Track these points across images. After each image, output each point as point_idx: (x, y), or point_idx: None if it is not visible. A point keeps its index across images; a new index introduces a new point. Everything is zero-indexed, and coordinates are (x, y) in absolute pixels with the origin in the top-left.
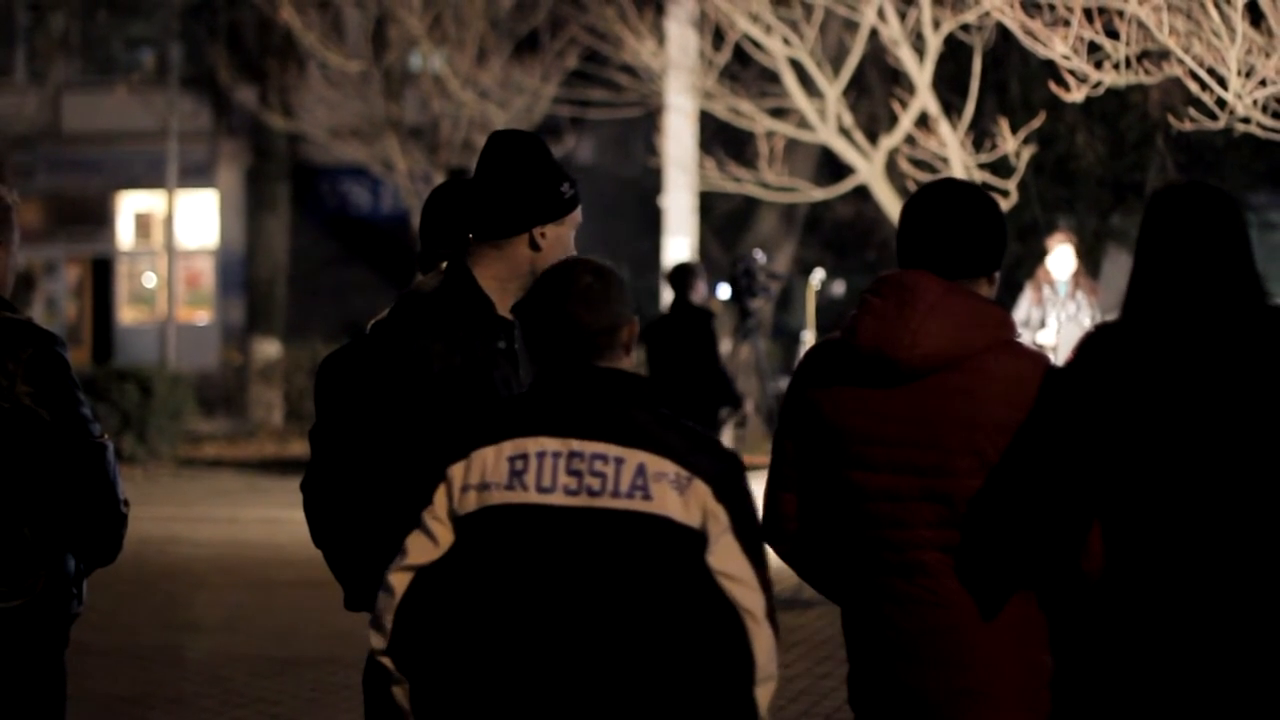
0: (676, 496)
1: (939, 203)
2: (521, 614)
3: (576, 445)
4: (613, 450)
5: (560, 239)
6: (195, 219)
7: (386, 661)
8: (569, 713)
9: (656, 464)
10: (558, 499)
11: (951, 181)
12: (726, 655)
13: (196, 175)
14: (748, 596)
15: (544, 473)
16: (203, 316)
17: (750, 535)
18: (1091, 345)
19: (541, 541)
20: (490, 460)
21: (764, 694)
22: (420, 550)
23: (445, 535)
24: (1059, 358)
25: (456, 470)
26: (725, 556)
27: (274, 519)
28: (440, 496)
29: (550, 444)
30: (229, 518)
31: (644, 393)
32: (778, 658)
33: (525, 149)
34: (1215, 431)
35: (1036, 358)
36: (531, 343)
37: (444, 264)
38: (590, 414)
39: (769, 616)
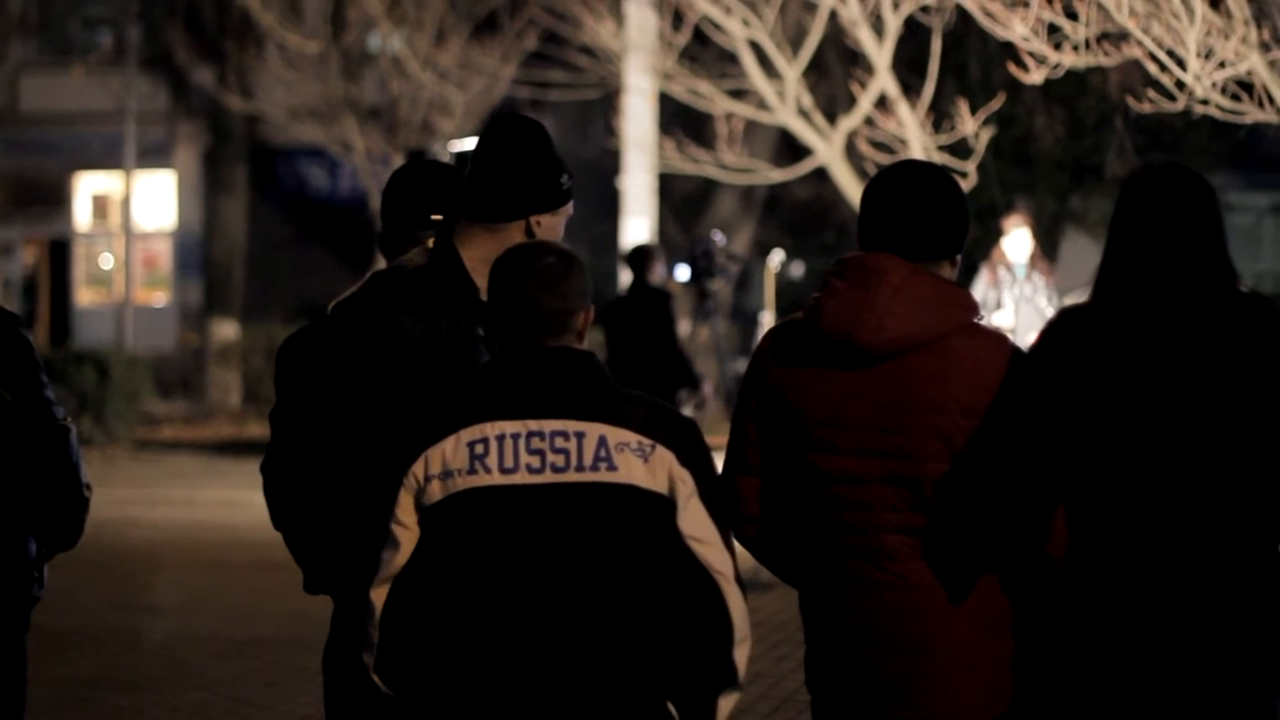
0: (641, 464)
1: (902, 185)
2: (499, 595)
3: (534, 425)
4: (571, 425)
5: (554, 229)
6: (153, 200)
7: (377, 680)
8: (557, 688)
9: (617, 435)
10: (522, 478)
11: (914, 163)
12: (705, 618)
13: (154, 156)
14: (718, 558)
15: (505, 454)
16: (160, 298)
17: (714, 498)
18: (1059, 328)
19: (511, 522)
20: (449, 449)
21: (741, 654)
22: (389, 559)
23: (409, 538)
24: (1017, 339)
25: (416, 467)
26: (694, 520)
27: (232, 501)
28: (404, 498)
29: (508, 426)
30: (186, 500)
31: (596, 368)
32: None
33: (532, 135)
34: (1182, 416)
35: (1001, 340)
36: (492, 322)
37: (429, 241)
38: (545, 392)
39: (737, 578)
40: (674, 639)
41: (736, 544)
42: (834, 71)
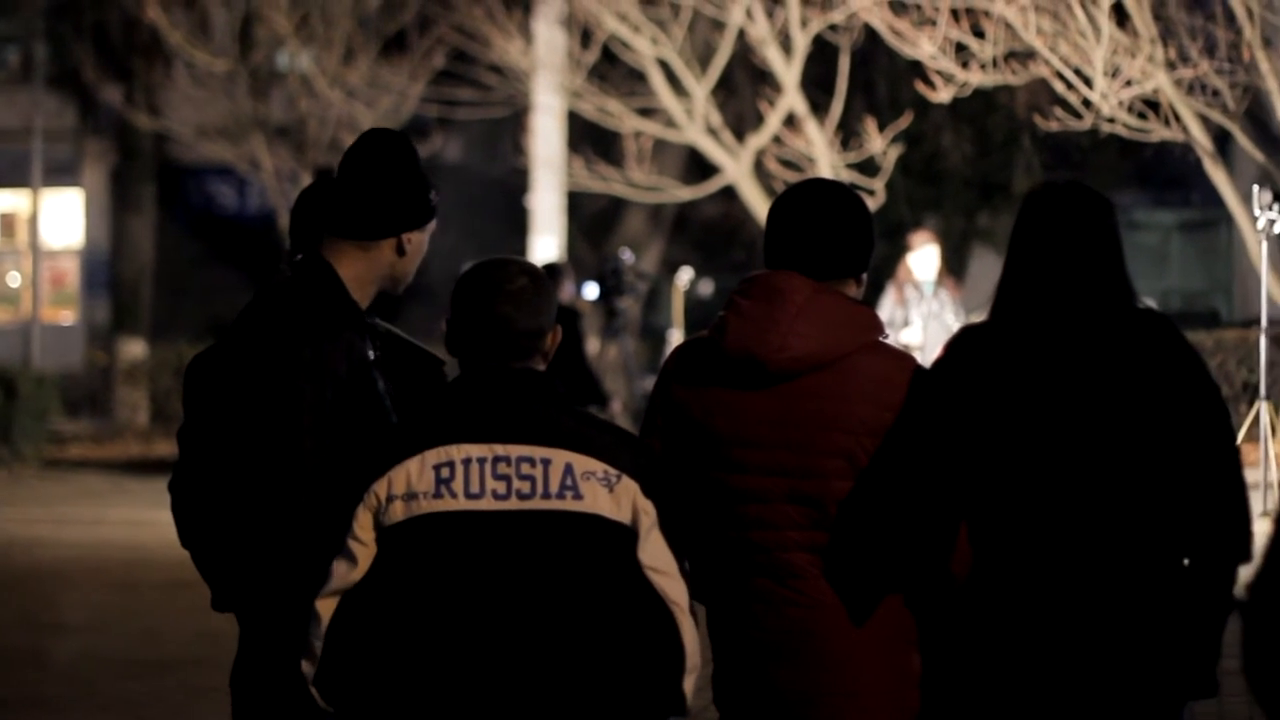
0: (607, 494)
1: (807, 203)
2: (457, 620)
3: (501, 450)
4: (538, 452)
5: (421, 246)
6: (60, 218)
7: (314, 692)
8: (507, 712)
9: (584, 463)
10: (487, 504)
11: (820, 181)
12: (658, 648)
13: (61, 174)
14: (675, 589)
15: (471, 479)
16: (67, 316)
17: (674, 528)
18: (959, 346)
19: (474, 547)
20: (414, 470)
21: (690, 683)
22: (343, 574)
23: (366, 555)
24: (925, 356)
25: (379, 486)
26: (654, 551)
27: (139, 520)
28: (362, 515)
29: (475, 450)
30: (94, 519)
31: (561, 394)
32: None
33: (401, 152)
34: (1079, 433)
35: (904, 359)
36: (457, 340)
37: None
38: (513, 417)
39: (691, 608)
40: (627, 667)
41: None
42: (742, 90)
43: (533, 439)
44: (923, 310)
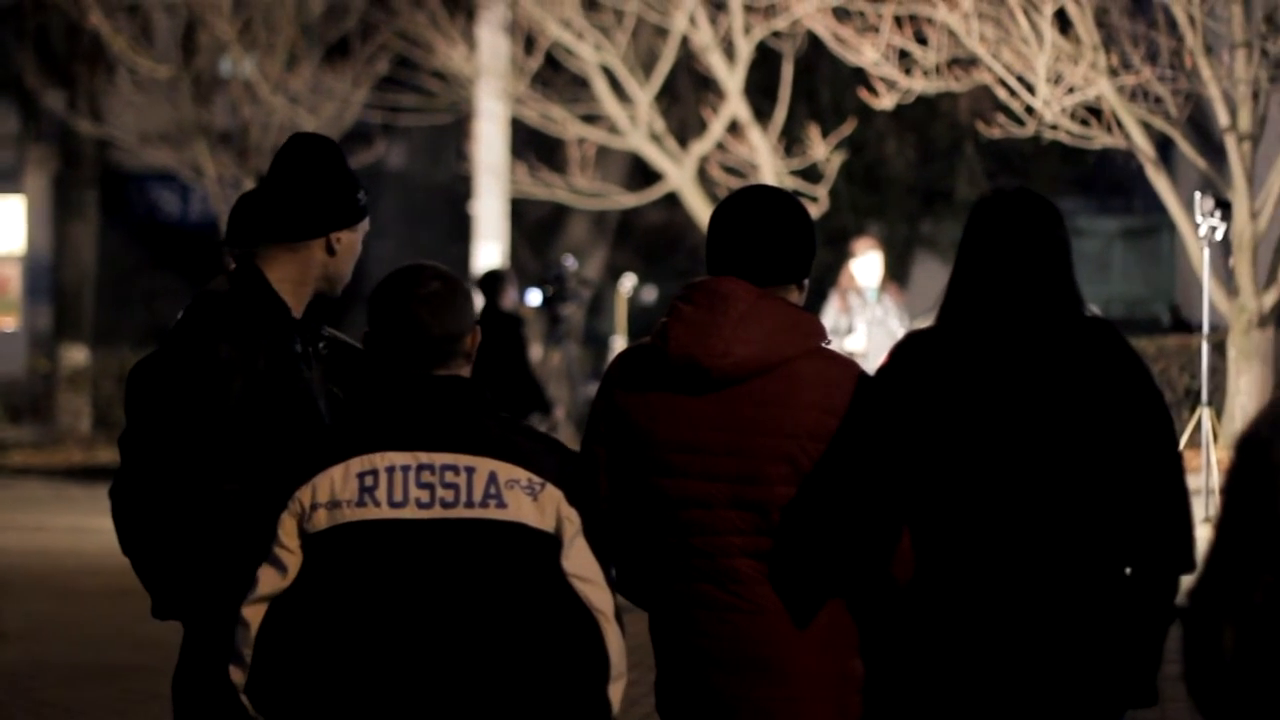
0: (530, 502)
1: (749, 210)
2: (381, 627)
3: (425, 458)
4: (462, 460)
5: (353, 245)
6: (2, 225)
7: (245, 700)
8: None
9: (508, 471)
10: (410, 512)
11: (761, 188)
12: (583, 656)
13: (3, 180)
14: (600, 597)
15: (395, 487)
16: (9, 323)
17: (599, 536)
18: (905, 352)
19: (397, 556)
20: (338, 478)
21: (616, 691)
22: (270, 580)
23: (294, 562)
24: (870, 363)
25: (303, 493)
26: (578, 559)
27: (81, 527)
28: (287, 521)
29: (399, 458)
30: (36, 525)
31: (485, 400)
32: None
33: (325, 154)
34: (1024, 439)
35: (848, 365)
36: (376, 347)
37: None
38: (437, 425)
39: (616, 615)
40: (553, 675)
41: None
42: (686, 96)
43: (457, 447)
44: (867, 317)
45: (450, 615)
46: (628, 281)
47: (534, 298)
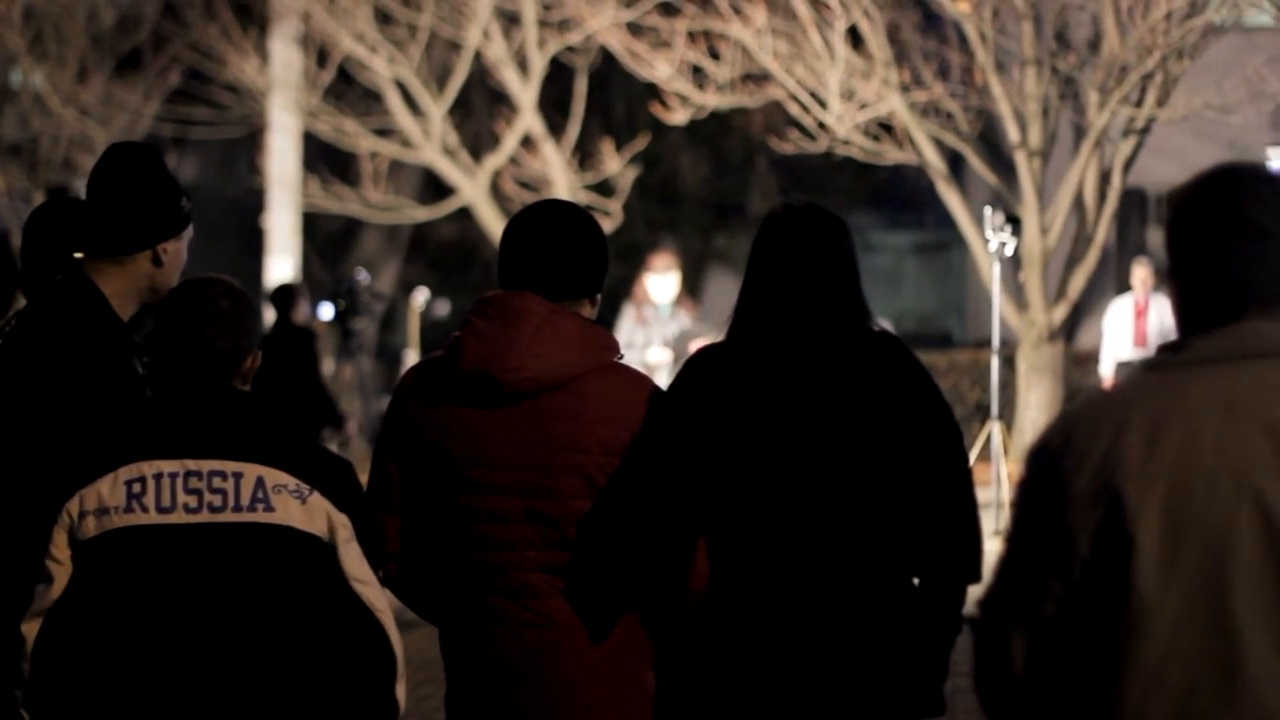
0: (298, 506)
1: (541, 224)
2: (153, 633)
3: (193, 464)
4: (229, 466)
5: (178, 254)
6: None
7: (25, 716)
8: None
9: (275, 476)
10: (179, 517)
11: (553, 203)
12: (369, 656)
13: None
14: (379, 597)
15: (163, 493)
16: None
17: (365, 541)
18: (696, 366)
19: (167, 560)
20: (107, 486)
21: (402, 690)
22: (43, 594)
23: (64, 574)
24: (665, 376)
25: (72, 504)
26: (354, 563)
27: None
28: (58, 533)
29: (166, 465)
30: None
31: (256, 410)
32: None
33: (147, 164)
34: (812, 453)
35: (640, 379)
36: (159, 359)
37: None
38: (205, 432)
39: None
40: (339, 677)
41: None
42: (479, 110)
43: (225, 453)
44: (663, 331)
45: (222, 618)
46: (420, 295)
47: (326, 312)
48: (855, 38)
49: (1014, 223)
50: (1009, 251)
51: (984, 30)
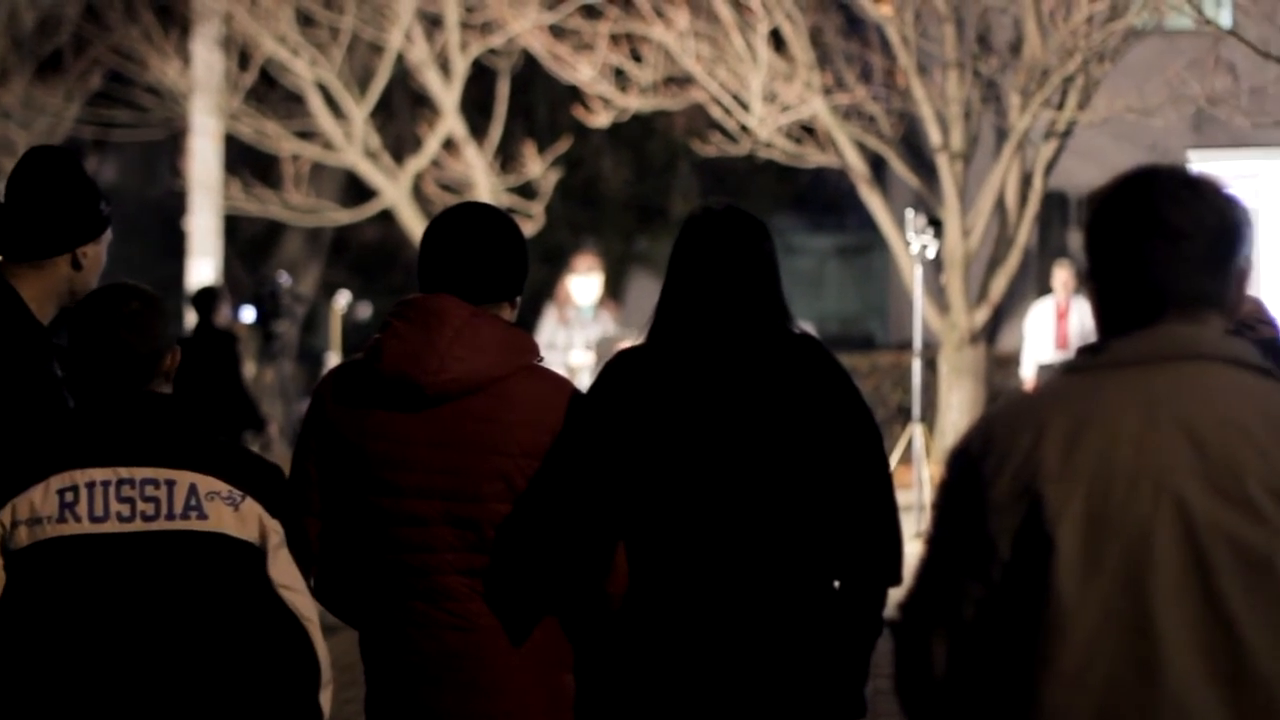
0: (231, 513)
1: (460, 227)
2: (88, 642)
3: (125, 473)
4: (162, 474)
5: (98, 258)
6: None
7: None
8: None
9: (208, 484)
10: (112, 526)
11: (473, 205)
12: (294, 662)
13: None
14: (306, 604)
15: (95, 502)
16: None
17: (295, 547)
18: (616, 368)
19: (100, 569)
20: (39, 496)
21: (326, 697)
22: None
23: None
24: (586, 378)
25: (4, 513)
26: (283, 568)
27: None
28: None
29: (99, 474)
30: None
31: (186, 415)
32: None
33: (66, 168)
34: (731, 455)
35: (561, 382)
36: (79, 365)
37: None
38: (136, 440)
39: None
40: (264, 683)
41: None
42: (401, 113)
43: (157, 461)
44: (585, 333)
45: (155, 626)
46: (342, 298)
47: (248, 314)
48: (778, 41)
49: (936, 225)
50: (931, 254)
51: (906, 33)
